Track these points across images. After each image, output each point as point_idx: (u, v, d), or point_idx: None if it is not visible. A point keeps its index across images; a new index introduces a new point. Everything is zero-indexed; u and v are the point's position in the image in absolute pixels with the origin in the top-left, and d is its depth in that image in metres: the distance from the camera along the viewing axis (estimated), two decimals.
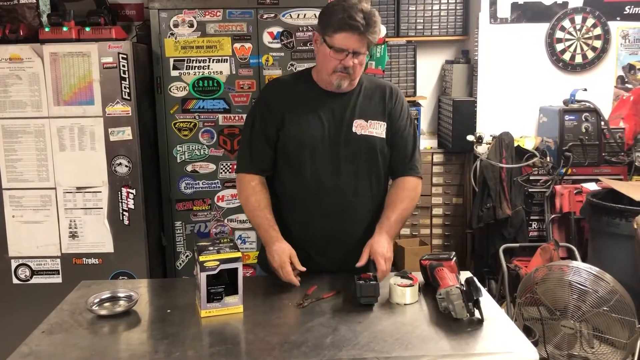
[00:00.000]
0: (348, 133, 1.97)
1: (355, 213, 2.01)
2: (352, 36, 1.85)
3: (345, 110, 1.98)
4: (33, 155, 2.98)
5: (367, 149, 1.98)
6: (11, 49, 2.90)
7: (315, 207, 1.99)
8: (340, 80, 1.92)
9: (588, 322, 2.64)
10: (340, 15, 1.85)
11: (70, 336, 1.56)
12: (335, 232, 2.00)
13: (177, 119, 3.23)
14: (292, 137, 1.99)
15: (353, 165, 1.98)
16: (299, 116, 1.98)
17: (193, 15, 3.14)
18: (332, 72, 1.91)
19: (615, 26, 4.07)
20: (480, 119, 4.16)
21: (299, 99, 2.01)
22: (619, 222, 3.08)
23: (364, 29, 1.84)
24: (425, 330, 1.56)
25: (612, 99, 4.12)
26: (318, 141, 1.97)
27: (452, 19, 4.39)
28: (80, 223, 3.03)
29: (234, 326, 1.63)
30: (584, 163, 3.75)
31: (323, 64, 1.94)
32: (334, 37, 1.87)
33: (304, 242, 2.00)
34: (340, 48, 1.87)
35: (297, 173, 2.00)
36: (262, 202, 2.01)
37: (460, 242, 4.33)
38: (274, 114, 2.01)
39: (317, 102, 2.00)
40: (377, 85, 2.07)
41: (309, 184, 1.98)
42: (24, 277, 3.07)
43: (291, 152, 2.00)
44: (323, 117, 1.98)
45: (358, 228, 2.01)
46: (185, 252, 3.34)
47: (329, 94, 2.00)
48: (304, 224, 2.02)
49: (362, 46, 1.88)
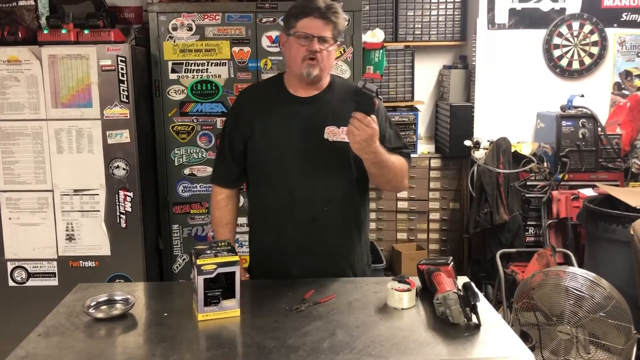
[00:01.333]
0: (319, 140, 1.94)
1: (327, 221, 1.98)
2: (314, 20, 1.86)
3: (316, 117, 1.95)
4: (30, 158, 2.98)
5: (339, 156, 1.95)
6: (9, 51, 2.90)
7: (287, 216, 1.98)
8: (309, 68, 1.89)
9: (584, 327, 2.65)
10: (301, 4, 1.90)
11: (66, 339, 1.55)
12: (308, 241, 1.98)
13: (175, 122, 3.23)
14: (262, 147, 1.98)
15: (325, 173, 1.96)
16: (268, 125, 1.97)
17: (192, 18, 3.14)
18: (300, 62, 1.89)
19: (612, 33, 4.09)
20: (477, 124, 4.17)
21: (268, 107, 2.00)
22: (615, 228, 3.09)
23: (325, 11, 1.86)
24: (422, 335, 1.56)
25: (609, 105, 4.13)
26: (288, 150, 1.95)
27: (450, 24, 4.40)
28: (77, 226, 3.02)
29: (231, 330, 1.62)
30: (581, 169, 3.76)
31: (291, 58, 1.93)
32: (297, 24, 1.88)
33: (278, 251, 1.99)
34: (305, 33, 1.87)
35: (267, 183, 2.00)
36: (225, 218, 2.09)
37: (457, 247, 4.33)
38: (242, 125, 2.01)
39: (287, 110, 1.98)
40: (350, 90, 2.01)
41: (279, 194, 1.98)
42: (20, 279, 3.06)
43: (261, 162, 2.00)
44: (293, 125, 1.96)
45: (331, 236, 1.99)
46: (182, 256, 3.33)
47: (301, 99, 1.98)
48: (277, 233, 2.01)
49: (327, 31, 1.88)
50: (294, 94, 1.99)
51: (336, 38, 1.92)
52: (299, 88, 1.99)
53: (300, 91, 1.99)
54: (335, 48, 1.94)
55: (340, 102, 1.98)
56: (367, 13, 4.22)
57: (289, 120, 1.96)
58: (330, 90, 2.01)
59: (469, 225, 3.93)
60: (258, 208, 2.08)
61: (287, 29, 1.93)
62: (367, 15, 4.18)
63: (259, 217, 2.08)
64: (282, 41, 1.98)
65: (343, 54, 3.19)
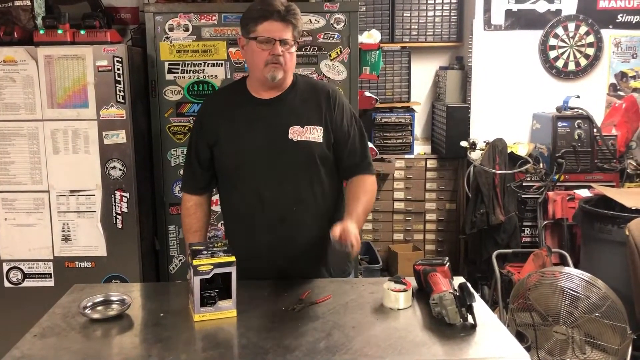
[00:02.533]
0: (284, 141, 1.94)
1: (297, 222, 1.98)
2: (274, 23, 1.85)
3: (280, 118, 1.95)
4: (26, 158, 2.97)
5: (304, 155, 1.95)
6: (5, 51, 2.89)
7: (256, 218, 1.98)
8: (273, 71, 1.89)
9: (580, 328, 2.66)
10: (259, 7, 1.88)
11: (62, 340, 1.55)
12: (278, 241, 1.98)
13: (172, 122, 3.22)
14: (227, 152, 1.99)
15: (292, 173, 1.96)
16: (232, 130, 1.97)
17: (188, 19, 3.14)
18: (264, 66, 1.88)
19: (607, 34, 4.11)
20: (473, 125, 4.18)
21: (231, 112, 2.00)
22: (611, 228, 3.10)
23: (284, 13, 1.85)
24: (418, 335, 1.56)
25: (605, 106, 4.15)
26: (253, 152, 1.95)
27: (446, 25, 4.41)
28: (73, 226, 3.02)
29: (228, 330, 1.62)
30: (577, 170, 3.77)
31: (253, 62, 1.92)
32: (257, 28, 1.87)
33: (249, 253, 1.98)
34: (266, 37, 1.86)
35: (235, 186, 2.01)
36: (194, 225, 2.10)
37: (453, 248, 4.34)
38: (206, 132, 2.01)
39: (250, 113, 1.98)
40: (313, 88, 2.03)
41: (247, 196, 1.98)
42: (15, 280, 3.05)
43: (227, 166, 2.01)
44: (257, 127, 1.96)
45: (302, 236, 1.99)
46: (178, 256, 3.33)
47: (264, 101, 1.98)
48: (247, 235, 2.02)
49: (287, 33, 1.87)
50: (257, 96, 1.99)
51: (297, 39, 1.92)
52: (262, 90, 1.99)
53: (263, 93, 1.99)
54: (296, 49, 1.93)
55: (303, 102, 1.98)
56: (364, 14, 4.23)
57: (253, 123, 1.97)
58: (293, 89, 2.00)
59: (465, 225, 3.94)
60: (229, 212, 2.10)
61: (247, 33, 1.91)
62: (363, 16, 4.19)
63: (230, 221, 2.11)
64: (241, 44, 1.97)
65: (340, 54, 3.20)
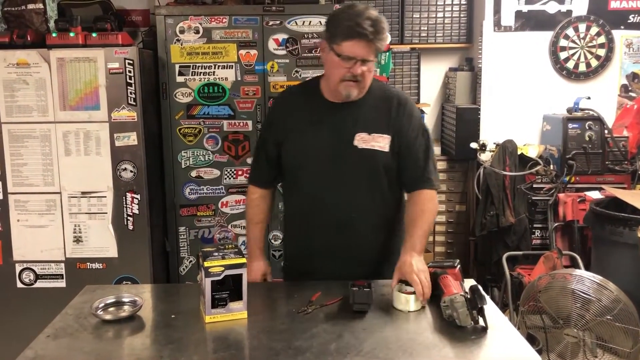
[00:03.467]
0: (348, 147, 1.92)
1: (354, 229, 1.97)
2: (360, 43, 1.80)
3: (347, 123, 1.93)
4: (39, 160, 2.99)
5: (369, 163, 1.93)
6: (18, 54, 2.92)
7: (314, 221, 1.98)
8: (349, 89, 1.87)
9: (591, 330, 2.64)
10: (348, 24, 1.81)
11: (74, 341, 1.56)
12: (334, 247, 1.98)
13: (182, 124, 3.24)
14: (292, 152, 1.99)
15: (354, 180, 1.95)
16: (300, 130, 1.97)
17: (199, 21, 3.16)
18: (340, 81, 1.87)
19: (619, 35, 4.08)
20: (483, 126, 4.16)
21: (302, 112, 2.00)
22: (622, 230, 3.08)
23: (372, 37, 1.80)
24: (429, 337, 1.56)
25: (616, 108, 4.12)
26: (318, 155, 1.95)
27: (456, 26, 4.39)
28: (84, 228, 3.04)
29: (239, 332, 1.63)
30: (588, 171, 3.75)
31: (331, 73, 1.90)
32: (342, 45, 1.82)
33: (306, 255, 2.02)
34: (348, 56, 1.82)
35: (298, 187, 2.02)
36: (256, 216, 2.11)
37: (463, 250, 4.32)
38: (276, 129, 2.03)
39: (319, 115, 1.97)
40: (385, 95, 2.00)
41: (307, 199, 1.99)
42: (28, 281, 3.08)
43: (291, 166, 2.01)
44: (324, 130, 1.95)
45: (359, 244, 1.98)
46: (189, 258, 3.35)
47: (333, 105, 1.96)
48: (304, 238, 2.03)
49: (370, 53, 1.84)
50: (329, 98, 1.97)
51: (377, 56, 1.90)
52: (334, 96, 1.96)
53: (337, 96, 1.95)
54: (374, 62, 1.90)
55: (373, 108, 1.96)
56: None
57: (320, 125, 1.95)
58: (365, 95, 1.96)
59: (475, 227, 3.92)
60: (289, 212, 2.12)
61: (331, 43, 1.86)
62: None
63: (290, 220, 2.12)
64: (322, 47, 1.93)
65: None
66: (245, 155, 3.26)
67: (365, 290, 1.69)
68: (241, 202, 3.29)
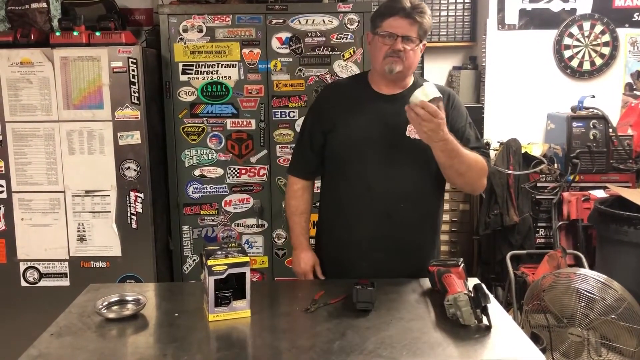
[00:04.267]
0: (401, 137, 1.95)
1: (402, 219, 1.98)
2: (399, 19, 1.87)
3: (399, 114, 1.93)
4: (42, 159, 3.00)
5: (420, 153, 1.93)
6: (22, 53, 2.92)
7: (362, 210, 1.98)
8: (390, 64, 1.91)
9: (596, 330, 2.63)
10: (388, 4, 1.91)
11: (78, 339, 1.56)
12: (380, 237, 1.98)
13: (186, 123, 3.24)
14: (342, 140, 1.99)
15: (404, 170, 1.96)
16: (350, 119, 1.98)
17: (202, 20, 3.16)
18: (382, 59, 1.91)
19: (623, 33, 4.06)
20: (487, 125, 4.15)
21: (352, 102, 2.02)
22: (627, 229, 3.07)
23: (410, 10, 1.86)
24: (433, 336, 1.56)
25: (620, 106, 4.10)
26: (369, 144, 1.96)
27: (459, 25, 4.38)
28: (88, 226, 3.04)
29: (242, 331, 1.63)
30: (592, 170, 3.74)
31: (375, 56, 1.96)
32: (382, 24, 1.90)
33: (348, 245, 2.01)
34: (389, 32, 1.88)
35: (344, 176, 2.01)
36: (300, 207, 2.12)
37: (467, 249, 4.31)
38: (324, 117, 2.03)
39: (370, 105, 1.99)
40: None
41: (356, 187, 1.98)
42: (32, 279, 3.08)
43: (340, 154, 2.01)
44: (375, 120, 1.97)
45: (405, 234, 1.99)
46: (192, 257, 3.35)
47: (383, 97, 2.00)
48: (350, 227, 2.02)
49: (412, 31, 1.88)
50: (378, 91, 2.01)
51: (422, 38, 1.93)
52: (383, 85, 2.00)
53: (384, 88, 2.00)
54: (420, 48, 1.94)
55: None
56: None
57: (371, 115, 1.98)
58: (413, 89, 1.97)
59: (478, 226, 3.91)
60: (332, 201, 2.09)
61: (373, 28, 1.96)
62: None
63: (333, 210, 2.09)
64: (368, 40, 2.01)
65: (353, 55, 3.20)
66: (248, 154, 3.26)
67: (369, 289, 1.69)
68: (244, 201, 3.29)
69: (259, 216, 3.30)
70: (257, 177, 3.28)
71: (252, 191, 3.29)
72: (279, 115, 3.24)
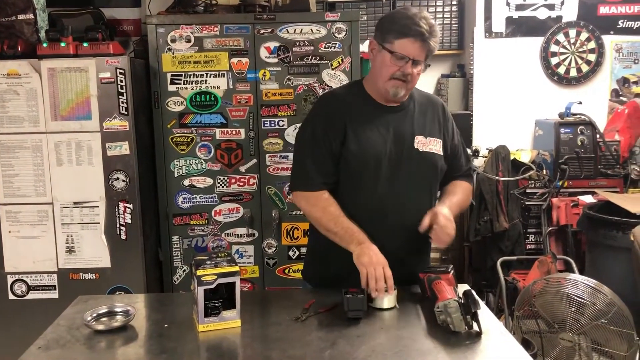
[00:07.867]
0: (410, 150, 1.93)
1: (410, 233, 1.94)
2: (415, 43, 1.82)
3: (405, 126, 1.92)
4: (30, 170, 2.98)
5: (428, 166, 1.95)
6: (9, 64, 2.91)
7: (376, 224, 1.92)
8: (396, 88, 1.87)
9: (586, 334, 2.64)
10: (404, 22, 1.83)
11: (67, 352, 1.55)
12: (396, 249, 1.92)
13: (175, 133, 3.23)
14: (354, 154, 1.92)
15: (415, 182, 1.95)
16: (359, 132, 1.92)
17: (190, 30, 3.16)
18: (388, 79, 1.87)
19: (609, 40, 4.11)
20: (476, 132, 4.18)
21: (356, 114, 1.95)
22: (615, 234, 3.09)
23: (427, 35, 1.82)
24: (424, 343, 1.56)
25: (607, 112, 4.14)
26: (379, 158, 1.91)
27: (447, 33, 4.42)
28: (77, 238, 3.02)
29: (232, 341, 1.62)
30: (580, 176, 3.77)
31: (379, 72, 1.89)
32: (395, 43, 1.84)
33: None
34: (402, 55, 1.83)
35: (358, 190, 1.95)
36: (339, 209, 1.93)
37: (457, 255, 4.32)
38: (336, 128, 1.93)
39: (375, 117, 1.95)
40: (428, 100, 2.05)
41: (370, 202, 1.93)
42: (20, 292, 3.05)
43: (353, 169, 1.94)
44: (383, 133, 1.93)
45: (406, 243, 1.97)
46: (182, 267, 3.33)
47: (386, 108, 1.96)
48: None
49: (422, 54, 1.85)
50: (380, 102, 1.97)
51: (427, 59, 1.89)
52: (382, 99, 1.97)
53: (383, 100, 1.97)
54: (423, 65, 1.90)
55: (422, 113, 2.00)
56: (365, 23, 4.24)
57: (380, 128, 1.94)
58: (411, 100, 1.99)
59: (469, 233, 3.92)
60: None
61: (382, 41, 1.87)
62: (364, 25, 4.20)
63: None
64: (371, 47, 1.93)
65: (341, 64, 3.21)
66: (237, 163, 3.26)
67: (359, 297, 1.69)
68: (234, 211, 3.28)
69: (249, 225, 3.29)
70: (247, 187, 3.28)
71: (242, 200, 3.28)
72: (268, 124, 3.24)
